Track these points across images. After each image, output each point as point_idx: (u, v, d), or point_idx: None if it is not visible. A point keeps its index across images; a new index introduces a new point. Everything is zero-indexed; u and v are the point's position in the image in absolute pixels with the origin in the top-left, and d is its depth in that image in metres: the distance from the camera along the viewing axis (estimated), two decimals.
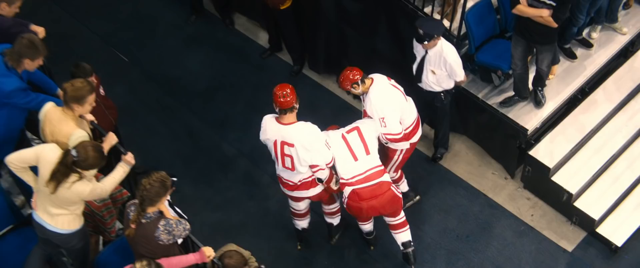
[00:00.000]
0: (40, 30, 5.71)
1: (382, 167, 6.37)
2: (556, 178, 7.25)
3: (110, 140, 5.27)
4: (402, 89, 6.56)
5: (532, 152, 7.32)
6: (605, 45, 7.91)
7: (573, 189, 7.18)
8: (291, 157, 6.11)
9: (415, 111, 6.71)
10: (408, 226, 6.76)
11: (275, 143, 6.11)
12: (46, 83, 5.67)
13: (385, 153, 6.69)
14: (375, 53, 8.08)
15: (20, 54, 5.12)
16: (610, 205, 7.20)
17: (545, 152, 7.30)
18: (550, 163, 7.23)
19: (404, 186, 7.26)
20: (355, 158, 6.30)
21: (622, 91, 7.72)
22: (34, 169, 4.99)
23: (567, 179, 7.25)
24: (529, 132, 7.33)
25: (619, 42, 7.92)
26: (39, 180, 4.86)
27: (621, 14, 7.95)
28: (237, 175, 7.92)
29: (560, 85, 7.62)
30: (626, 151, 7.51)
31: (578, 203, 7.21)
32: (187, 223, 5.00)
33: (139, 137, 8.02)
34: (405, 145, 6.68)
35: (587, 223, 7.20)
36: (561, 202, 7.29)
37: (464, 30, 7.32)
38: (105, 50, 9.11)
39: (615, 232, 7.12)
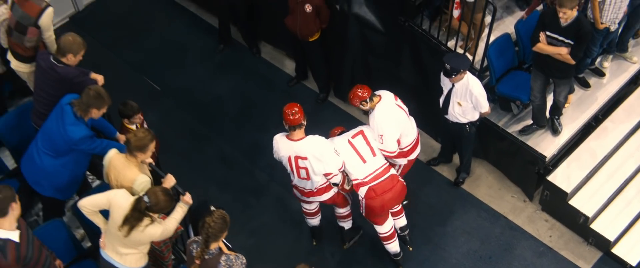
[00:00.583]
0: (99, 78, 6.17)
1: (388, 164, 6.91)
2: (573, 202, 7.73)
3: (169, 181, 5.73)
4: (406, 108, 7.10)
5: (550, 178, 7.80)
6: (616, 73, 8.40)
7: (589, 212, 7.66)
8: (306, 168, 6.66)
9: (415, 131, 7.24)
10: (404, 212, 7.44)
11: (289, 159, 6.67)
12: (106, 128, 6.13)
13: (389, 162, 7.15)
14: (399, 82, 8.53)
15: (88, 104, 5.57)
16: (625, 226, 7.68)
17: (562, 177, 7.79)
18: (567, 188, 7.72)
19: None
20: (364, 161, 6.83)
21: (632, 118, 8.22)
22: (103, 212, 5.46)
23: (583, 203, 7.73)
24: (547, 159, 7.81)
25: (630, 70, 8.42)
26: (110, 223, 5.33)
27: (631, 44, 8.43)
28: (270, 200, 8.37)
29: (575, 112, 8.10)
30: (637, 175, 7.98)
31: (594, 226, 7.69)
32: (244, 258, 5.47)
33: (173, 163, 8.41)
34: (403, 161, 7.23)
35: (602, 244, 7.69)
36: (578, 224, 7.77)
37: (485, 62, 7.78)
38: (137, 78, 9.55)
39: (630, 252, 7.61)
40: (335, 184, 6.90)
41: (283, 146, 6.67)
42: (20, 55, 6.16)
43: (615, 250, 7.65)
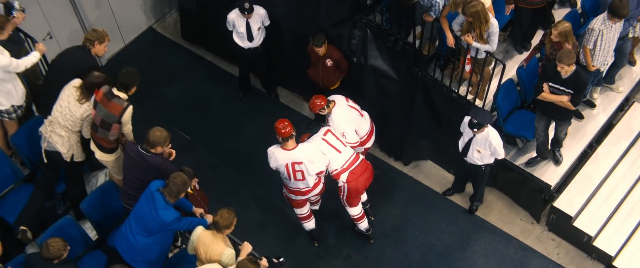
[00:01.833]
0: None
1: (357, 152, 8.48)
2: (577, 223, 8.99)
3: (247, 249, 6.82)
4: (358, 107, 8.71)
5: (556, 204, 9.04)
6: (605, 103, 9.67)
7: (592, 232, 8.93)
8: (302, 171, 8.12)
9: (368, 124, 8.86)
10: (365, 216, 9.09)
11: (286, 166, 8.06)
12: (184, 204, 7.14)
13: None
14: (412, 123, 9.69)
15: (178, 191, 6.60)
16: (623, 241, 8.98)
17: (566, 202, 9.04)
18: (571, 212, 8.98)
19: None
20: (339, 152, 8.31)
21: (622, 143, 9.49)
22: None
23: (586, 223, 8.99)
24: (552, 187, 9.05)
25: (616, 100, 9.69)
26: None
27: (617, 76, 9.70)
28: (306, 237, 9.46)
29: (572, 142, 9.33)
30: (630, 195, 9.27)
31: (596, 243, 8.95)
32: None
33: (212, 210, 9.48)
34: (360, 149, 8.81)
35: (605, 258, 8.97)
36: (582, 242, 9.05)
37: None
38: (167, 129, 10.47)
39: (629, 263, 8.90)
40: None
41: (280, 156, 8.03)
42: (105, 148, 7.14)
43: (617, 263, 8.92)
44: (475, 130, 8.09)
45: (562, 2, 9.90)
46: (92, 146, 7.15)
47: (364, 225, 9.10)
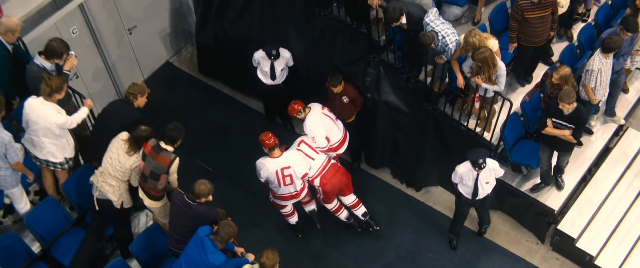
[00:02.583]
0: (222, 211, 8.00)
1: (329, 158, 9.56)
2: (580, 244, 9.86)
3: None
4: (332, 115, 9.84)
5: (560, 227, 9.91)
6: (602, 129, 10.55)
7: (593, 252, 9.80)
8: (290, 175, 9.18)
9: (341, 132, 9.93)
10: (361, 203, 10.09)
11: (276, 172, 9.10)
12: (228, 245, 7.93)
13: None
14: (422, 154, 10.52)
15: (228, 238, 7.37)
16: (622, 260, 9.87)
17: (569, 225, 9.91)
18: (574, 234, 9.85)
19: None
20: (312, 159, 9.43)
21: (618, 167, 10.38)
22: None
23: (587, 244, 9.86)
24: (555, 211, 9.93)
25: (612, 126, 10.58)
26: None
27: (617, 108, 10.58)
28: (330, 265, 10.29)
29: (573, 168, 10.20)
30: (627, 215, 10.16)
31: (598, 262, 9.81)
32: None
33: (240, 241, 10.28)
34: (332, 154, 9.87)
35: None
36: (585, 261, 9.92)
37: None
38: (189, 162, 11.25)
39: None
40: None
41: (269, 165, 9.07)
42: (153, 196, 7.90)
43: None
44: (483, 167, 8.87)
45: (560, 36, 10.72)
46: (141, 194, 7.90)
47: (341, 216, 10.13)
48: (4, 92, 8.13)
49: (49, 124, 7.62)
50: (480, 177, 9.01)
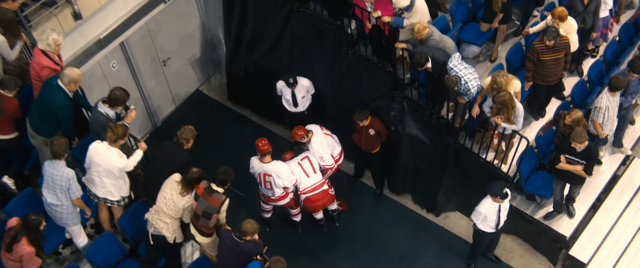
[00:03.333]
0: (261, 241, 8.90)
1: (324, 180, 10.59)
2: None
3: None
4: (330, 132, 10.83)
5: (571, 252, 10.81)
6: (610, 159, 11.46)
7: None
8: (270, 182, 10.21)
9: (339, 146, 10.92)
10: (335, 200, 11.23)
11: (260, 174, 10.24)
12: None
13: (324, 170, 10.73)
14: (442, 182, 11.44)
15: None
16: None
17: (579, 251, 10.82)
18: (584, 259, 10.77)
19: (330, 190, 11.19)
20: (308, 176, 10.40)
21: (626, 195, 11.30)
22: None
23: None
24: (567, 238, 10.88)
25: (620, 156, 11.52)
26: None
27: (625, 140, 11.49)
28: None
29: (583, 196, 11.12)
30: (633, 241, 11.10)
31: None
32: None
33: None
34: (334, 165, 10.87)
35: None
36: None
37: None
38: None
39: None
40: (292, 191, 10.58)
41: (256, 165, 10.24)
42: (204, 233, 8.82)
43: None
44: (508, 196, 9.80)
45: (571, 71, 11.65)
46: (193, 230, 8.81)
47: (318, 215, 11.34)
48: (65, 134, 9.00)
49: (111, 167, 8.52)
50: (503, 206, 9.93)
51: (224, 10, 12.13)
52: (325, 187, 10.72)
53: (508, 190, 9.75)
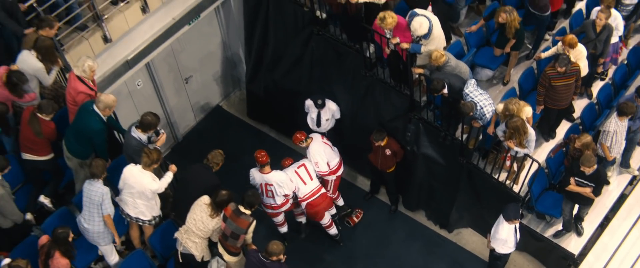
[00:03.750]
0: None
1: (320, 185, 11.21)
2: None
3: None
4: (330, 143, 11.47)
5: None
6: (618, 179, 12.01)
7: None
8: (272, 191, 10.86)
9: (338, 157, 11.56)
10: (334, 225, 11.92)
11: (261, 185, 10.83)
12: None
13: (323, 181, 11.49)
14: (455, 200, 12.00)
15: None
16: None
17: None
18: None
19: (340, 201, 12.28)
20: (305, 183, 11.10)
21: (632, 215, 11.84)
22: None
23: None
24: (575, 256, 11.43)
25: (627, 177, 12.06)
26: None
27: (632, 161, 12.02)
28: None
29: (591, 215, 11.63)
30: (638, 260, 11.65)
31: None
32: None
33: None
34: (333, 177, 11.56)
35: None
36: None
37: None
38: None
39: None
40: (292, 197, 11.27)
41: (257, 177, 10.82)
42: (232, 252, 9.38)
43: None
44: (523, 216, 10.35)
45: (580, 94, 12.18)
46: (220, 249, 9.39)
47: (331, 231, 11.93)
48: (99, 156, 9.56)
49: (145, 189, 9.08)
50: (516, 225, 10.47)
51: (246, 31, 12.66)
52: (323, 190, 11.32)
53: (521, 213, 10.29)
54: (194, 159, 12.46)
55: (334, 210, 12.05)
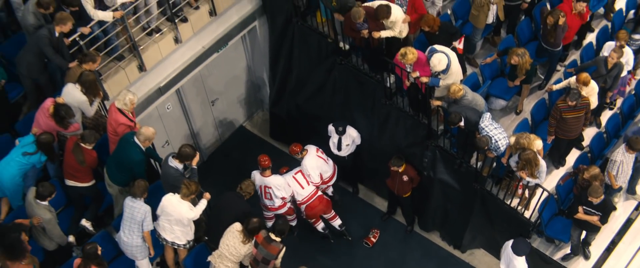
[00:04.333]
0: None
1: (316, 189, 12.21)
2: None
3: None
4: (324, 156, 12.36)
5: None
6: (624, 205, 12.81)
7: None
8: (270, 193, 11.83)
9: (332, 168, 12.54)
10: (337, 216, 12.86)
11: (260, 187, 11.79)
12: None
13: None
14: (469, 222, 12.81)
15: None
16: None
17: None
18: None
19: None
20: (302, 187, 12.10)
21: (638, 239, 12.65)
22: None
23: None
24: None
25: (634, 202, 12.87)
26: None
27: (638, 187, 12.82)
28: None
29: (598, 239, 12.42)
30: None
31: None
32: None
33: None
34: (324, 187, 12.55)
35: None
36: None
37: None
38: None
39: None
40: (290, 201, 12.25)
41: (257, 179, 11.72)
42: None
43: None
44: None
45: (590, 123, 12.97)
46: None
47: (319, 226, 12.86)
48: None
49: (182, 217, 9.90)
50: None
51: (271, 58, 13.48)
52: (320, 193, 12.30)
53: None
54: (219, 178, 13.49)
55: (339, 220, 12.98)
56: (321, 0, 12.01)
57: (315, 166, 12.20)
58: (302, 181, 12.16)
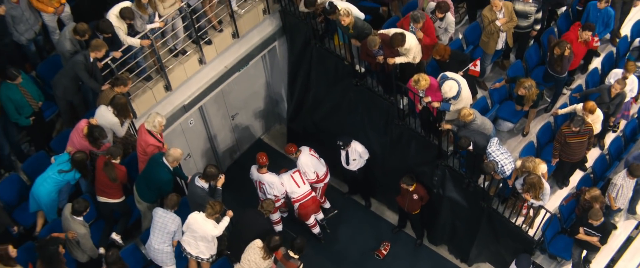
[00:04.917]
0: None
1: (311, 190, 13.25)
2: None
3: None
4: (317, 155, 13.39)
5: None
6: (625, 224, 13.61)
7: None
8: (264, 189, 12.90)
9: (325, 167, 13.53)
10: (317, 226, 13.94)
11: (256, 181, 12.94)
12: None
13: (313, 187, 13.37)
14: (475, 238, 13.62)
15: None
16: None
17: None
18: None
19: (327, 204, 14.24)
20: (298, 186, 13.11)
21: (637, 257, 13.42)
22: None
23: None
24: None
25: (634, 221, 13.67)
26: None
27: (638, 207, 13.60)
28: None
29: (599, 257, 13.21)
30: None
31: None
32: None
33: None
34: (320, 185, 13.53)
35: None
36: None
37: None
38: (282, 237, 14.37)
39: None
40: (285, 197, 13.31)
41: (255, 174, 12.85)
42: None
43: None
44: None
45: (594, 145, 13.76)
46: None
47: (315, 230, 13.83)
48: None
49: (207, 235, 10.75)
50: None
51: (289, 76, 14.29)
52: (314, 194, 13.34)
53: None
54: (236, 190, 14.32)
55: (321, 215, 13.99)
56: (339, 26, 12.77)
57: (310, 164, 13.19)
58: (298, 180, 13.17)
